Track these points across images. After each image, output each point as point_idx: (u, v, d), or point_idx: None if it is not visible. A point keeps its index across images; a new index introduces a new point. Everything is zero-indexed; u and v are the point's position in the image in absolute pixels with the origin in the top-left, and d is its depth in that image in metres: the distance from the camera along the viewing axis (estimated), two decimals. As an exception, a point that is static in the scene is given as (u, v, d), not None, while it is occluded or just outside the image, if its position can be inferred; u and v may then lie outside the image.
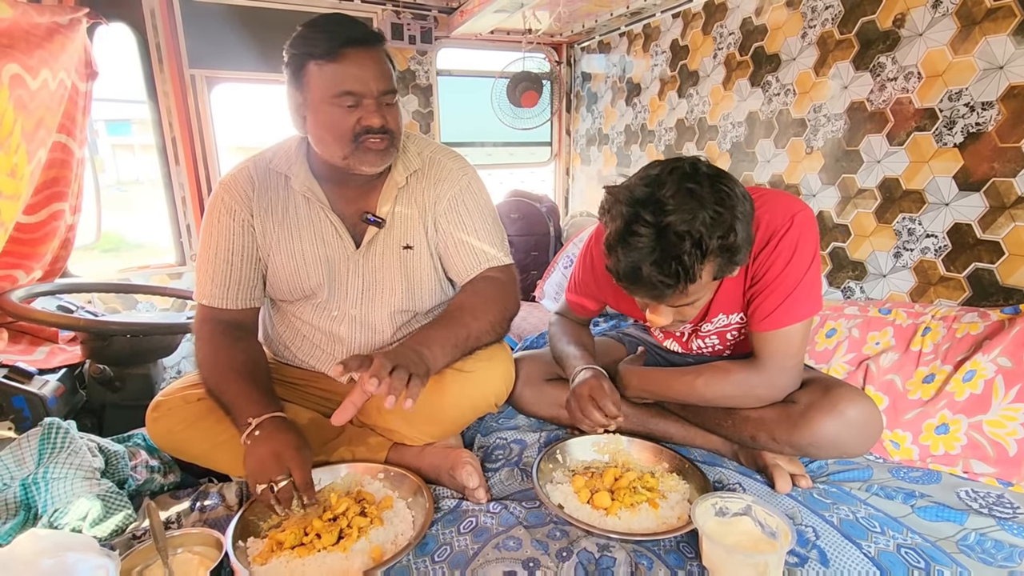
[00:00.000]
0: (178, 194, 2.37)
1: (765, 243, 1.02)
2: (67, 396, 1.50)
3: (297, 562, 0.86)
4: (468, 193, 1.20)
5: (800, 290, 1.01)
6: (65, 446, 1.02)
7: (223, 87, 2.39)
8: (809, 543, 0.91)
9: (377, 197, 1.16)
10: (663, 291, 0.90)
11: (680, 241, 0.85)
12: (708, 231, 0.85)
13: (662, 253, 0.86)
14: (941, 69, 1.46)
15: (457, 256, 1.19)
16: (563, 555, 0.88)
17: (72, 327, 1.51)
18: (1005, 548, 0.90)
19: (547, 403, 1.31)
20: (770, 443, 1.08)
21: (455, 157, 1.23)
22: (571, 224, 2.95)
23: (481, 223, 1.19)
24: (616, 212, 0.91)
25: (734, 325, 1.17)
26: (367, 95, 1.02)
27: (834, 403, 1.02)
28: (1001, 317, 1.24)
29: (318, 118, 1.03)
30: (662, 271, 0.87)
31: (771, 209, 1.03)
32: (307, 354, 1.25)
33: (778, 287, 1.02)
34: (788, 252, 1.01)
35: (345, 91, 1.00)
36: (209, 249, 1.14)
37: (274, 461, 0.92)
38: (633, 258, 0.88)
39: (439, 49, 2.80)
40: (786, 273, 1.01)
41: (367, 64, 1.01)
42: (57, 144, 1.76)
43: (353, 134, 1.03)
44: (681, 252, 0.85)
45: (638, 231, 0.86)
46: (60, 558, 0.77)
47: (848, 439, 1.03)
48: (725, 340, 1.22)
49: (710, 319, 1.17)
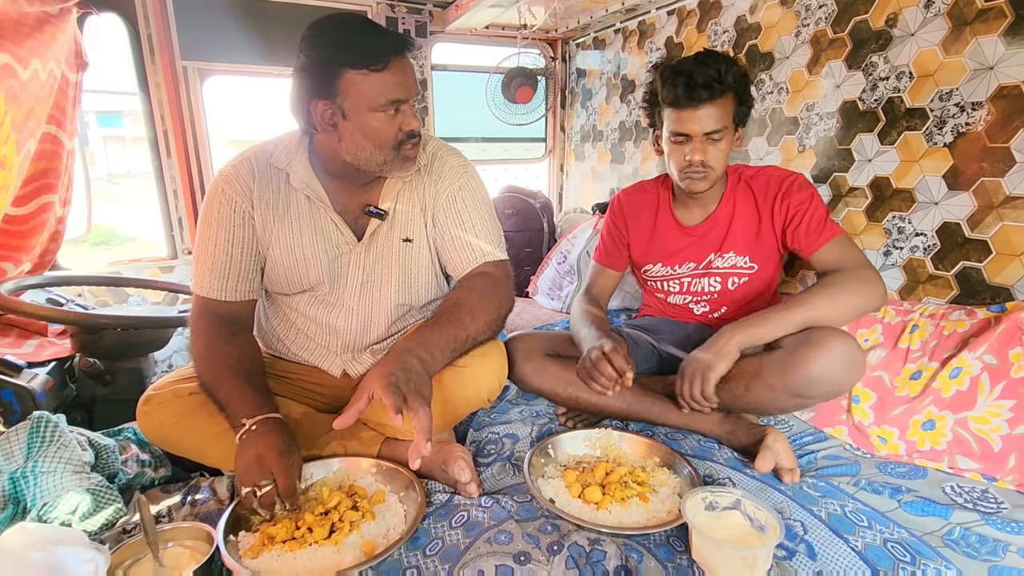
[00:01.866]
0: (170, 187, 2.35)
1: (779, 188, 1.29)
2: (57, 390, 1.49)
3: (288, 556, 0.86)
4: (466, 190, 1.20)
5: (823, 212, 1.26)
6: (54, 440, 1.01)
7: (216, 79, 2.37)
8: (797, 537, 0.92)
9: (379, 191, 1.16)
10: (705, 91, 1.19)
11: (713, 58, 1.21)
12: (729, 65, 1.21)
13: (702, 61, 1.21)
14: (932, 69, 1.47)
15: (454, 251, 1.19)
16: (554, 549, 0.89)
17: (62, 320, 1.49)
18: (989, 542, 0.92)
19: (548, 376, 1.30)
20: (765, 393, 1.11)
21: (455, 154, 1.24)
22: (565, 220, 2.96)
23: (478, 219, 1.20)
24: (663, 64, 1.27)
25: (740, 268, 1.36)
26: (408, 100, 1.03)
27: (820, 340, 1.08)
28: (988, 315, 1.26)
29: (359, 127, 1.02)
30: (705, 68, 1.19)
31: (771, 169, 1.35)
32: (301, 347, 1.25)
33: (816, 210, 1.26)
34: (807, 190, 1.28)
35: (394, 100, 1.00)
36: (208, 240, 1.13)
37: (257, 466, 0.92)
38: (682, 70, 1.20)
39: (434, 44, 2.79)
40: (814, 203, 1.26)
41: (408, 70, 1.02)
42: (47, 135, 1.75)
43: (396, 141, 1.04)
44: (715, 63, 1.20)
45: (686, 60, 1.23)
46: (49, 552, 0.76)
47: (837, 372, 1.07)
48: (726, 290, 1.38)
49: (723, 253, 1.36)
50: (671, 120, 1.25)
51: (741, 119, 1.27)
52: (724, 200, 1.36)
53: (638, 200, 1.47)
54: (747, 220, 1.34)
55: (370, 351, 1.24)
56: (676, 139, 1.26)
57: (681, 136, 1.25)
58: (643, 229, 1.45)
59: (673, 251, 1.42)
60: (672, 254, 1.42)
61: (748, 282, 1.37)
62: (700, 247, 1.39)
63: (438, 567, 0.86)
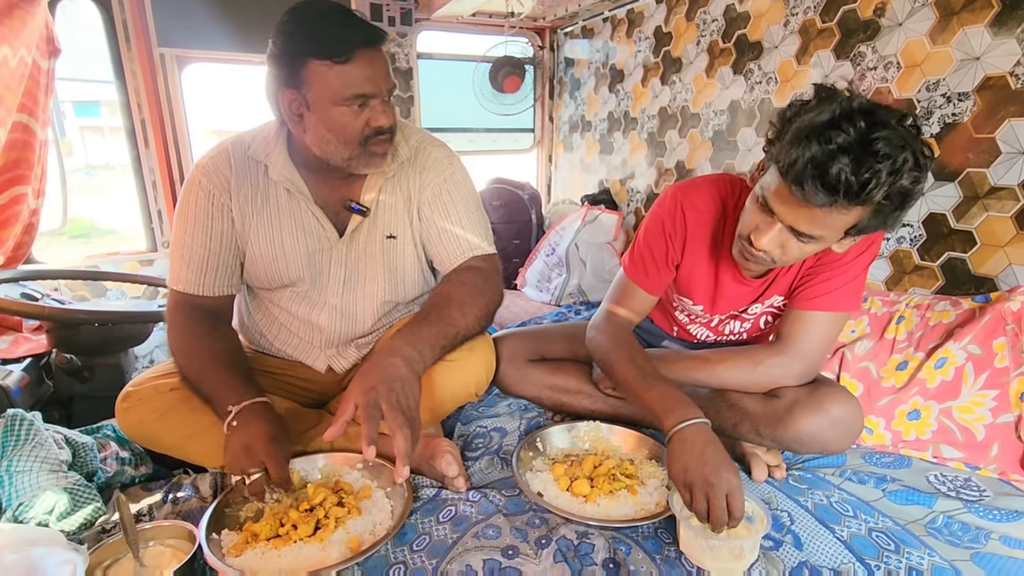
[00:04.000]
0: (148, 179, 2.29)
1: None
2: (32, 387, 1.45)
3: (273, 553, 0.84)
4: (452, 182, 1.17)
5: (856, 283, 1.03)
6: (30, 438, 0.99)
7: (195, 67, 2.31)
8: (784, 527, 0.93)
9: (362, 185, 1.13)
10: (831, 197, 0.80)
11: (879, 157, 0.78)
12: (905, 168, 0.79)
13: (856, 157, 0.79)
14: (919, 59, 1.47)
15: (440, 245, 1.17)
16: (542, 542, 0.88)
17: (37, 315, 1.45)
18: (971, 530, 0.93)
19: (530, 384, 1.29)
20: (752, 435, 1.09)
21: (440, 146, 1.21)
22: (553, 212, 2.94)
23: (465, 212, 1.17)
24: (827, 106, 0.83)
25: (774, 307, 1.16)
26: (377, 95, 0.98)
27: (820, 402, 1.03)
28: (972, 305, 1.27)
29: (322, 120, 0.98)
30: (848, 171, 0.78)
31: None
32: (284, 342, 1.23)
33: (844, 272, 1.02)
34: (863, 245, 1.00)
35: (358, 94, 0.96)
36: (185, 233, 1.10)
37: (245, 454, 0.91)
38: (825, 150, 0.80)
39: (419, 32, 2.74)
40: (857, 261, 1.02)
41: (378, 64, 0.97)
42: (18, 124, 1.69)
43: (362, 137, 1.00)
44: (875, 164, 0.78)
45: (845, 129, 0.80)
46: (25, 553, 0.74)
47: (831, 437, 1.04)
48: (756, 327, 1.21)
49: (764, 300, 1.14)
50: (772, 182, 0.89)
51: (862, 231, 0.89)
52: None
53: (705, 218, 1.10)
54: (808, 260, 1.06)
55: (355, 345, 1.22)
56: (763, 207, 0.91)
57: (767, 208, 0.91)
58: (699, 256, 1.13)
59: (720, 297, 1.16)
60: (717, 300, 1.17)
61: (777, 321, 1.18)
62: (748, 296, 1.15)
63: (425, 562, 0.85)
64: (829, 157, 0.79)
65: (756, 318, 1.19)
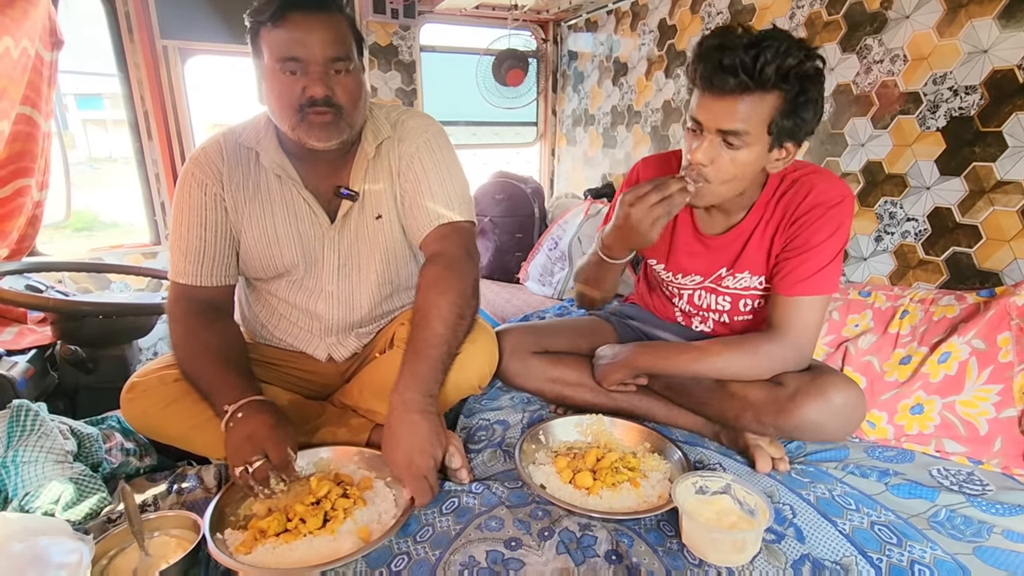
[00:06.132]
0: (151, 171, 2.29)
1: (811, 208, 1.06)
2: (37, 378, 1.46)
3: (284, 548, 0.85)
4: (424, 149, 1.14)
5: (832, 266, 1.06)
6: (35, 429, 0.99)
7: (197, 59, 2.30)
8: (786, 521, 0.93)
9: (350, 170, 1.12)
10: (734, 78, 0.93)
11: (765, 43, 0.92)
12: (791, 50, 0.92)
13: (746, 46, 0.92)
14: (926, 52, 1.46)
15: (410, 217, 1.14)
16: (545, 534, 0.89)
17: (42, 307, 1.45)
18: (974, 524, 0.93)
19: (533, 376, 1.30)
20: (754, 424, 1.09)
21: (419, 116, 1.18)
22: (556, 205, 2.93)
23: (436, 179, 1.13)
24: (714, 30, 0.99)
25: (752, 290, 1.19)
26: (311, 62, 0.96)
27: (822, 389, 1.04)
28: (977, 300, 1.26)
29: (269, 86, 0.99)
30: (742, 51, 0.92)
31: (825, 179, 1.08)
32: (285, 332, 1.23)
33: (816, 255, 1.06)
34: (833, 225, 1.05)
35: (288, 56, 0.95)
36: (182, 225, 1.10)
37: (248, 443, 0.91)
38: (721, 46, 0.94)
39: (422, 24, 2.73)
40: (827, 244, 1.05)
41: (314, 27, 0.95)
42: (21, 116, 1.69)
43: (298, 104, 0.98)
44: (762, 47, 0.91)
45: (736, 34, 0.94)
46: (31, 542, 0.75)
47: (833, 425, 1.04)
48: (736, 309, 1.23)
49: (736, 272, 1.18)
50: (693, 100, 1.02)
51: (785, 133, 0.98)
52: (753, 210, 1.14)
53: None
54: (771, 232, 1.12)
55: (355, 334, 1.23)
56: (691, 126, 1.03)
57: (696, 125, 1.01)
58: None
59: (681, 257, 1.24)
60: (679, 260, 1.24)
61: (763, 305, 1.20)
62: (712, 260, 1.20)
63: (429, 553, 0.86)
64: (724, 50, 0.93)
65: (735, 298, 1.22)
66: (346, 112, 1.01)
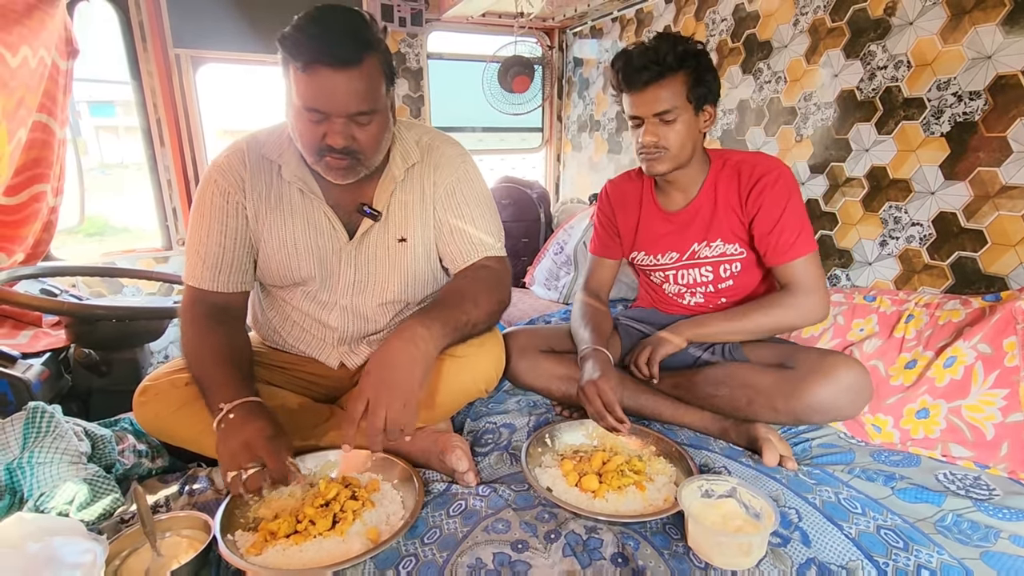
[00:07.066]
0: (163, 177, 2.32)
1: (756, 181, 1.24)
2: (52, 381, 1.48)
3: (294, 549, 0.86)
4: (466, 181, 1.18)
5: (805, 229, 1.23)
6: (50, 430, 1.01)
7: (209, 67, 2.34)
8: (792, 524, 0.93)
9: (374, 189, 1.13)
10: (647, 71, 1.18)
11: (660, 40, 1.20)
12: (680, 40, 1.21)
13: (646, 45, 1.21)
14: (930, 58, 1.47)
15: (453, 244, 1.18)
16: (551, 537, 0.89)
17: (57, 311, 1.48)
18: (981, 528, 0.93)
19: (542, 375, 1.31)
20: (766, 411, 1.12)
21: (453, 143, 1.22)
22: (562, 210, 2.95)
23: (478, 211, 1.18)
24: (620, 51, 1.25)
25: (731, 256, 1.32)
26: (335, 115, 0.96)
27: (830, 369, 1.10)
28: (982, 304, 1.26)
29: (293, 119, 1.00)
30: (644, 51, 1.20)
31: (756, 157, 1.30)
32: (297, 339, 1.24)
33: (789, 221, 1.22)
34: (785, 191, 1.23)
35: (312, 107, 0.96)
36: (201, 230, 1.11)
37: (244, 451, 0.91)
38: (628, 53, 1.22)
39: (430, 32, 2.76)
40: (790, 210, 1.22)
41: (339, 84, 0.93)
42: (38, 124, 1.72)
43: (318, 148, 0.99)
44: (659, 45, 1.19)
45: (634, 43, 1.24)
46: (46, 542, 0.76)
47: (843, 403, 1.10)
48: (719, 277, 1.34)
49: (710, 241, 1.32)
50: (626, 104, 1.27)
51: (701, 98, 1.23)
52: (705, 186, 1.32)
53: (624, 188, 1.46)
54: (733, 205, 1.29)
55: (367, 342, 1.24)
56: (633, 122, 1.27)
57: (636, 119, 1.25)
58: (630, 216, 1.45)
59: (655, 238, 1.40)
60: (654, 241, 1.40)
61: (743, 269, 1.33)
62: (683, 236, 1.35)
63: (436, 555, 0.87)
64: (632, 55, 1.21)
65: (715, 266, 1.34)
66: (365, 157, 1.03)
